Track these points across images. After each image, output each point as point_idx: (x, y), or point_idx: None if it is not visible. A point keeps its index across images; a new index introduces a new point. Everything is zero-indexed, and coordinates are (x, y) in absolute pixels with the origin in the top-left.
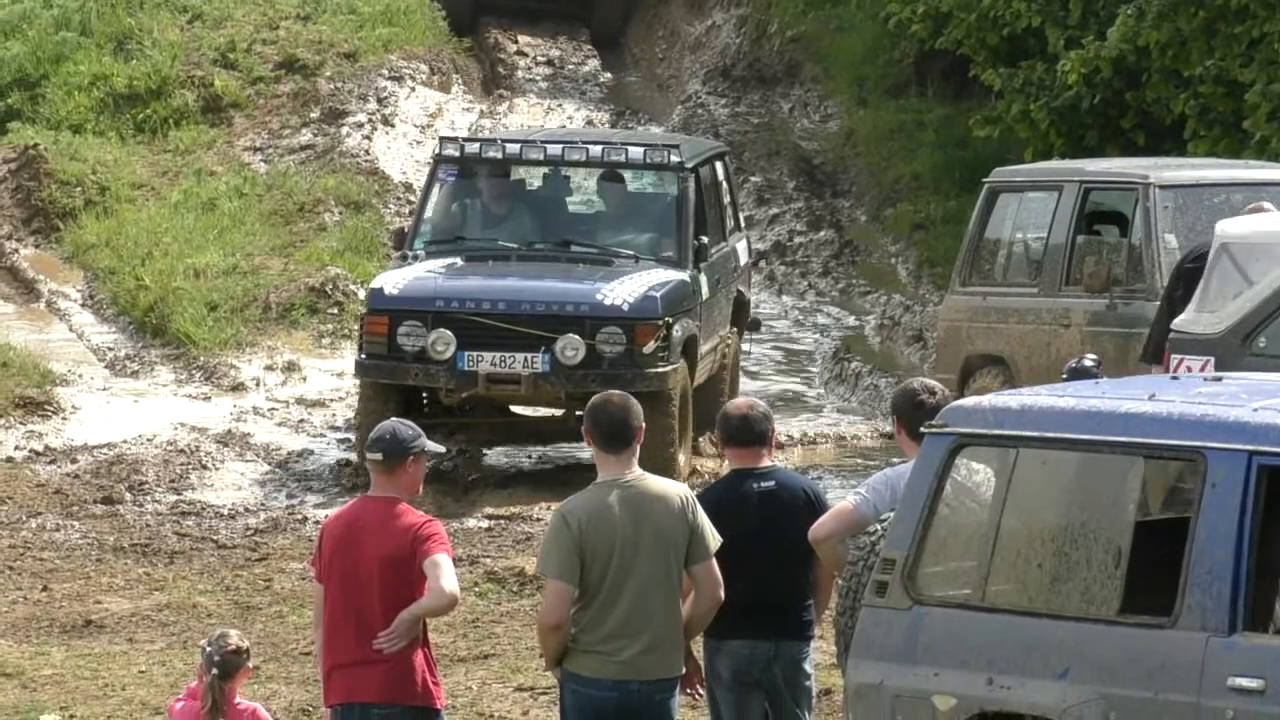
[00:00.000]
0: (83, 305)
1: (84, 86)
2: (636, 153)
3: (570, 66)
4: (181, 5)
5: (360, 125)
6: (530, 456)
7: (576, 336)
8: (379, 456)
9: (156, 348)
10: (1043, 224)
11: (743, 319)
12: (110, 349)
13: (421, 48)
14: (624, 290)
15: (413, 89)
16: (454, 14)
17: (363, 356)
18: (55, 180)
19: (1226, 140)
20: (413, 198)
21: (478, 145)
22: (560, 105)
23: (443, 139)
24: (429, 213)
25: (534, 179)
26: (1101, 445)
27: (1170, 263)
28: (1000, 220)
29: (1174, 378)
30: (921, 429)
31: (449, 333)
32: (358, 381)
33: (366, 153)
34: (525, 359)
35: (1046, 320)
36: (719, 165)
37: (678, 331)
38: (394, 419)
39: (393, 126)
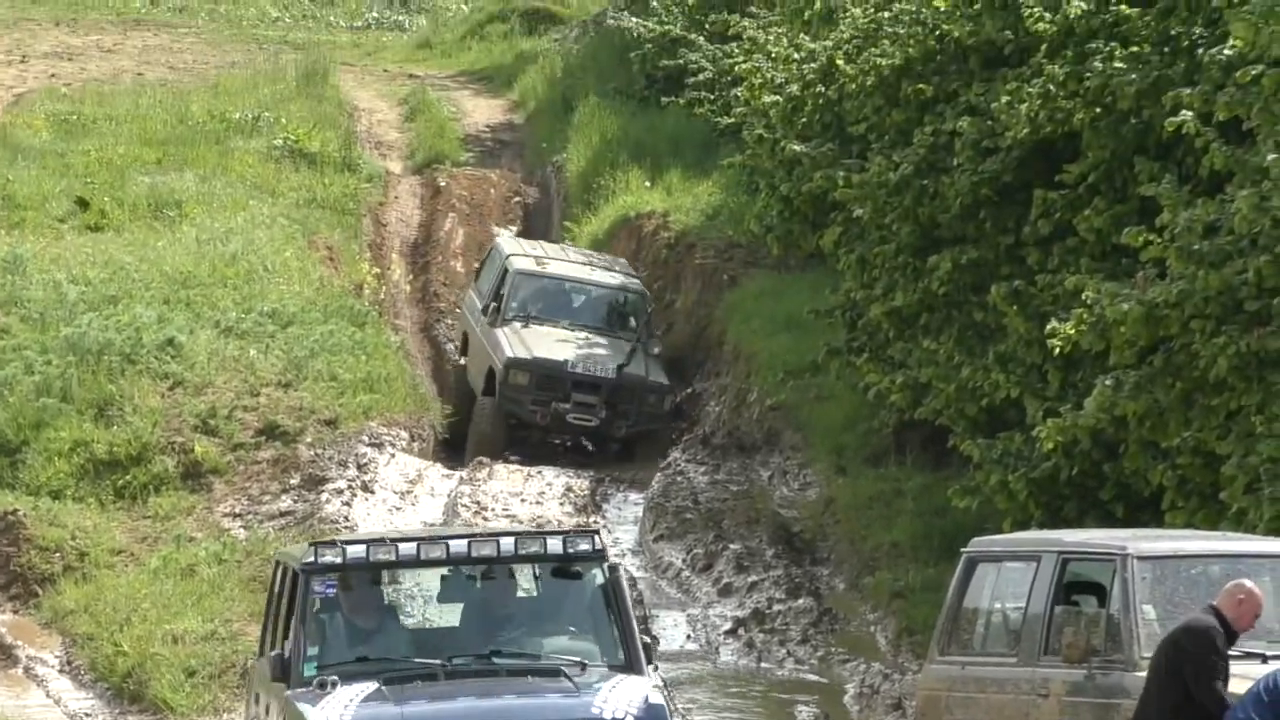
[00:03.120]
0: (60, 671)
1: (64, 452)
2: (555, 543)
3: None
4: (163, 372)
5: (340, 491)
6: None
7: None
8: None
9: (134, 714)
10: (1021, 594)
11: None
12: (88, 715)
13: (401, 414)
14: (617, 700)
15: (393, 455)
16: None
17: None
18: (34, 546)
19: (1204, 511)
20: None
21: (363, 548)
22: (540, 472)
23: (317, 544)
24: (310, 634)
25: (432, 582)
26: None
27: (1150, 634)
28: (979, 589)
29: None
30: None
31: None
32: None
33: (346, 519)
34: None
35: (1025, 690)
36: None
37: None
38: None
39: (372, 493)
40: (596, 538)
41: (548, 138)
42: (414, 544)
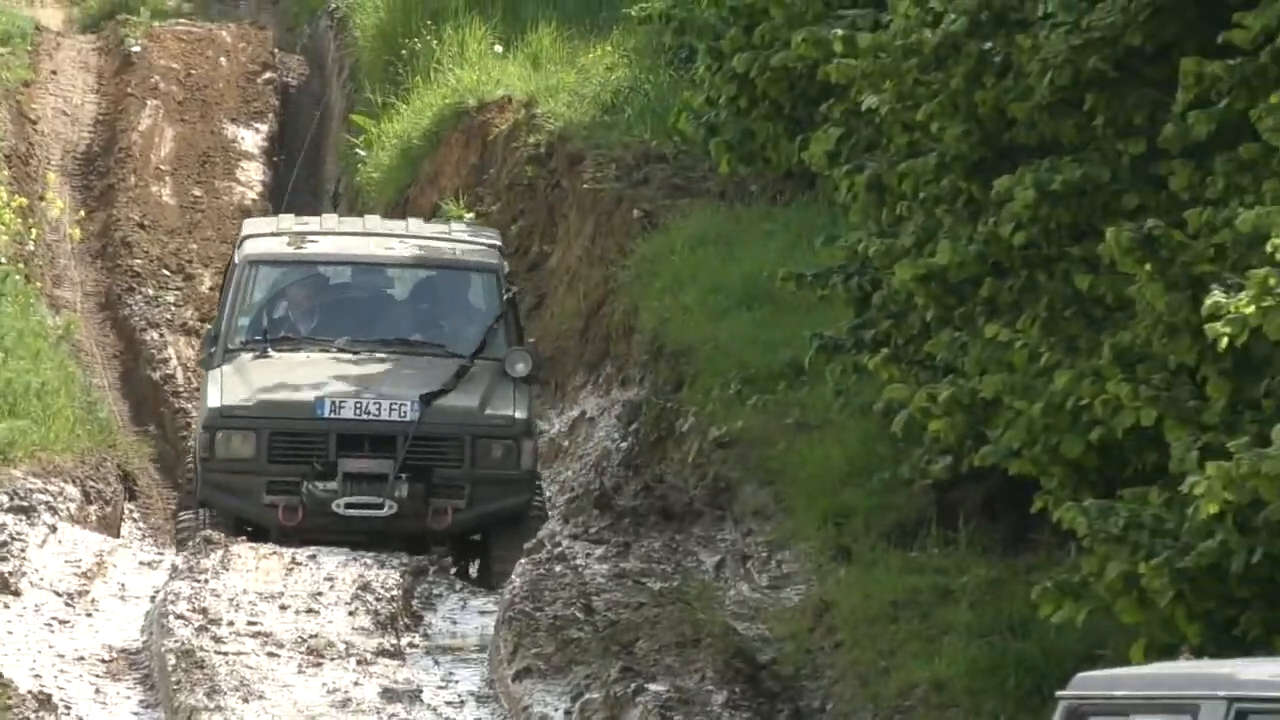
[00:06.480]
0: None
1: None
2: None
3: None
4: None
5: None
6: None
7: None
8: None
9: None
10: None
11: None
12: None
13: (67, 456)
14: None
15: (52, 529)
16: None
17: None
18: None
19: None
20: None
21: None
22: (313, 557)
23: None
24: None
25: None
26: None
27: None
28: None
29: None
30: None
31: None
32: None
33: None
34: None
35: None
36: None
37: None
38: None
39: (17, 594)
40: None
41: None
42: None
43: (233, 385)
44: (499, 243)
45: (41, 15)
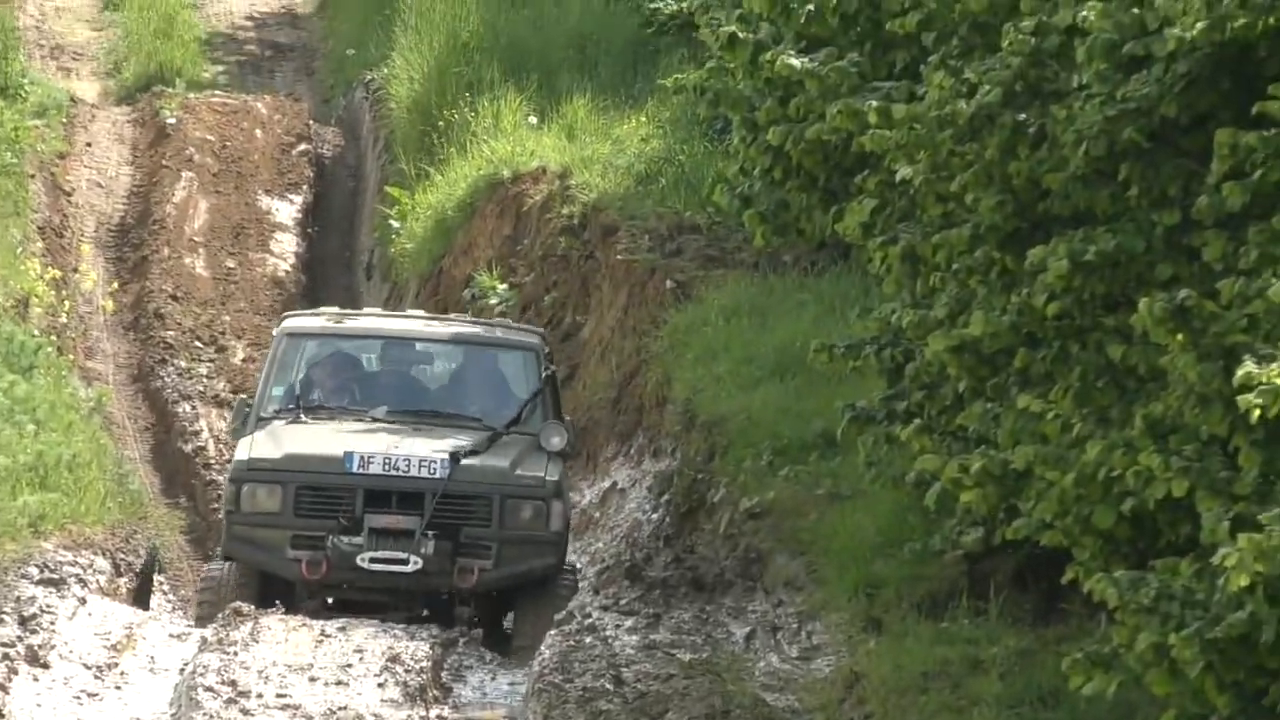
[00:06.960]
0: None
1: None
2: None
3: None
4: None
5: None
6: None
7: None
8: None
9: None
10: None
11: None
12: None
13: (99, 529)
14: None
15: (82, 601)
16: None
17: None
18: None
19: None
20: None
21: None
22: (343, 629)
23: None
24: None
25: None
26: None
27: None
28: None
29: None
30: None
31: None
32: None
33: (0, 713)
34: None
35: None
36: None
37: None
38: None
39: (47, 666)
40: None
41: (356, 38)
42: None
43: (262, 443)
44: (540, 330)
45: (77, 87)
